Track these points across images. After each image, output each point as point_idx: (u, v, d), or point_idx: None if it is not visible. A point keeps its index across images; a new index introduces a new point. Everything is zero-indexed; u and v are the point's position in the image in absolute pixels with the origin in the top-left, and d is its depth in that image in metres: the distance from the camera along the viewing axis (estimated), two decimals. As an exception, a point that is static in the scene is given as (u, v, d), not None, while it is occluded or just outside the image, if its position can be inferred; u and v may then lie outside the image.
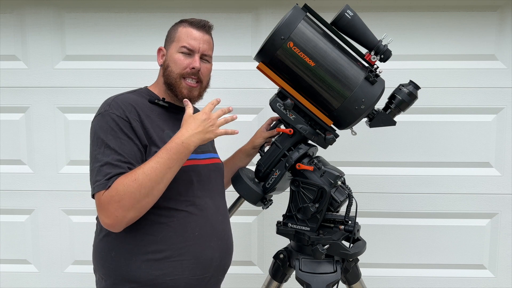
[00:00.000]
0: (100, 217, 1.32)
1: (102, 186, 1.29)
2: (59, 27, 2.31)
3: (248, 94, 2.30)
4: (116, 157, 1.32)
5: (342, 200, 1.58)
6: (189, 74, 1.48)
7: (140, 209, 1.31)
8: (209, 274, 1.47)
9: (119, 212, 1.28)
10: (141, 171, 1.29)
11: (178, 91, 1.49)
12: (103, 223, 1.32)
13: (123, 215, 1.29)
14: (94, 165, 1.34)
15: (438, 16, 2.25)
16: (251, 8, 2.28)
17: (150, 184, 1.28)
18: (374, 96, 1.54)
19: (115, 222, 1.29)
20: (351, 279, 1.70)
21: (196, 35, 1.49)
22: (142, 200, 1.29)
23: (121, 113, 1.37)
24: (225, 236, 1.56)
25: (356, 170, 2.29)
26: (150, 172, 1.28)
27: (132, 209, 1.29)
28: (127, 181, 1.27)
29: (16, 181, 2.38)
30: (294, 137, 1.62)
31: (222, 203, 1.60)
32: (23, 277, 2.43)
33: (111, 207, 1.28)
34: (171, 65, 1.49)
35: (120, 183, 1.28)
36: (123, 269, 1.39)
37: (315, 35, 1.52)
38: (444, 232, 2.34)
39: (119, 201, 1.27)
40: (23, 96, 2.34)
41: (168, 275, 1.38)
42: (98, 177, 1.31)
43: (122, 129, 1.35)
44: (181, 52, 1.48)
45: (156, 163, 1.30)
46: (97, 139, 1.35)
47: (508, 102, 2.27)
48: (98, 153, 1.34)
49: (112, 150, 1.32)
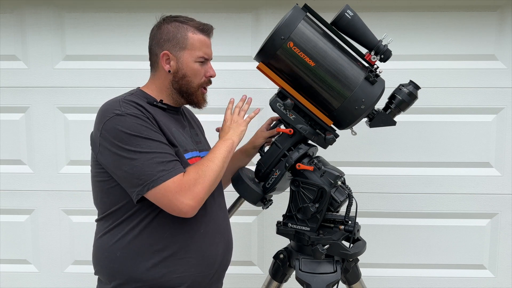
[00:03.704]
0: (180, 201, 1.31)
1: (174, 172, 1.32)
2: (59, 27, 2.31)
3: (248, 94, 2.28)
4: (165, 146, 1.35)
5: (342, 200, 1.58)
6: (207, 83, 1.54)
7: (210, 193, 1.41)
8: (213, 270, 1.48)
9: (203, 193, 1.35)
10: (207, 160, 1.40)
11: (195, 99, 1.53)
12: (180, 207, 1.32)
13: (203, 198, 1.36)
14: (143, 159, 1.29)
15: (438, 16, 2.25)
16: (251, 8, 2.28)
17: (218, 170, 1.40)
18: (374, 96, 1.54)
19: (199, 203, 1.35)
20: (351, 279, 1.70)
21: (208, 42, 1.52)
22: (214, 183, 1.40)
23: (139, 112, 1.35)
24: (227, 232, 1.58)
25: (356, 170, 2.29)
26: (217, 161, 1.41)
27: (209, 192, 1.39)
28: (203, 167, 1.37)
29: (16, 181, 2.38)
30: (294, 137, 1.62)
31: (222, 200, 1.61)
32: (23, 277, 2.43)
33: (196, 189, 1.33)
34: (190, 75, 1.48)
35: (197, 169, 1.36)
36: (129, 269, 1.38)
37: (315, 35, 1.52)
38: (444, 232, 2.34)
39: (202, 183, 1.35)
40: (23, 96, 2.34)
41: (174, 272, 1.39)
42: (159, 167, 1.30)
43: (151, 123, 1.35)
44: (198, 62, 1.49)
45: (219, 154, 1.43)
46: (131, 137, 1.30)
47: (508, 102, 2.27)
48: (140, 148, 1.29)
49: (157, 141, 1.33)
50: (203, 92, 1.54)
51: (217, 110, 2.26)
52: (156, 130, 1.36)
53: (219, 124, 1.65)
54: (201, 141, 1.64)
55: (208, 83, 1.55)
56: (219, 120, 2.25)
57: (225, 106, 1.53)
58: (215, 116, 2.25)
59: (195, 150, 1.52)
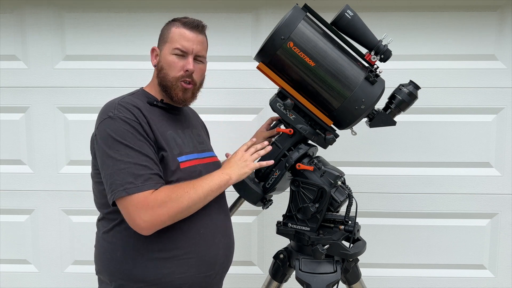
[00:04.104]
0: (139, 216, 1.30)
1: (143, 188, 1.29)
2: (59, 27, 2.31)
3: (248, 94, 2.30)
4: (144, 158, 1.32)
5: (342, 200, 1.58)
6: (183, 77, 1.47)
7: (174, 221, 1.36)
8: (214, 271, 1.48)
9: (165, 217, 1.31)
10: (192, 185, 1.35)
11: (173, 93, 1.48)
12: (137, 223, 1.30)
13: (164, 221, 1.32)
14: (118, 166, 1.30)
15: (438, 16, 2.25)
16: (251, 8, 2.28)
17: (197, 200, 1.35)
18: (374, 96, 1.54)
19: (155, 225, 1.32)
20: (351, 279, 1.70)
21: (190, 36, 1.47)
22: (184, 212, 1.34)
23: (131, 116, 1.36)
24: (228, 233, 1.58)
25: (356, 170, 2.29)
26: (200, 190, 1.36)
27: (175, 218, 1.34)
28: (180, 192, 1.32)
29: (16, 181, 2.38)
30: (294, 137, 1.61)
31: (223, 201, 1.61)
32: (23, 277, 2.43)
33: (159, 211, 1.30)
34: (165, 67, 1.47)
35: (172, 190, 1.32)
36: (130, 269, 1.39)
37: (315, 35, 1.52)
38: (444, 232, 2.34)
39: (170, 207, 1.30)
40: (23, 96, 2.34)
41: (175, 273, 1.39)
42: (128, 178, 1.29)
43: (138, 131, 1.34)
44: (175, 54, 1.46)
45: (206, 184, 1.38)
46: (114, 141, 1.32)
47: (508, 102, 2.27)
48: (118, 155, 1.31)
49: (137, 151, 1.32)
50: (183, 87, 1.47)
51: (217, 110, 2.27)
52: (142, 138, 1.34)
53: (220, 123, 1.65)
54: (204, 141, 1.63)
55: (186, 77, 1.47)
56: (219, 120, 2.27)
57: (225, 106, 1.52)
58: (215, 116, 2.26)
59: (193, 152, 1.51)
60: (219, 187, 1.41)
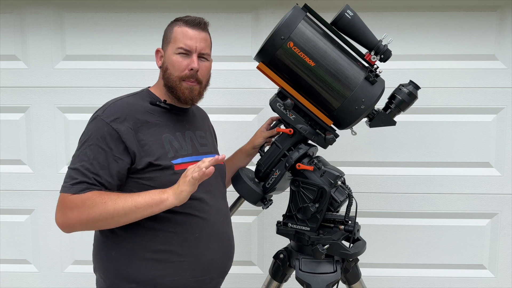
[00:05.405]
0: (56, 215, 1.37)
1: (69, 190, 1.34)
2: (59, 27, 2.31)
3: (248, 94, 2.30)
4: (87, 166, 1.35)
5: (342, 200, 1.58)
6: (188, 76, 1.46)
7: (92, 228, 1.41)
8: (209, 276, 1.47)
9: (74, 221, 1.34)
10: (115, 197, 1.31)
11: (179, 93, 1.47)
12: (56, 221, 1.38)
13: (74, 225, 1.36)
14: (72, 164, 1.39)
15: (438, 16, 2.25)
16: (251, 8, 2.28)
17: (113, 213, 1.30)
18: (374, 96, 1.54)
19: (65, 227, 1.37)
20: (351, 279, 1.70)
21: (192, 34, 1.46)
22: (98, 222, 1.33)
23: (112, 121, 1.36)
24: (226, 238, 1.55)
25: (356, 170, 2.29)
26: (121, 204, 1.30)
27: (87, 225, 1.35)
28: (97, 200, 1.30)
29: (16, 181, 2.38)
30: (294, 137, 1.62)
31: (224, 205, 1.60)
32: (23, 277, 2.43)
33: (70, 214, 1.33)
34: (170, 67, 1.47)
35: (90, 197, 1.31)
36: (123, 269, 1.39)
37: (315, 35, 1.52)
38: (444, 232, 2.34)
39: (80, 213, 1.32)
40: (23, 96, 2.34)
41: (167, 276, 1.39)
42: (66, 179, 1.37)
43: (106, 138, 1.35)
44: (179, 54, 1.46)
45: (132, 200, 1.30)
46: (80, 141, 1.40)
47: (508, 102, 2.27)
48: (75, 155, 1.40)
49: (87, 157, 1.35)
50: (188, 85, 1.46)
51: (217, 110, 2.27)
52: (105, 147, 1.34)
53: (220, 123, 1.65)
54: (207, 143, 1.61)
55: (190, 77, 1.46)
56: (219, 120, 2.26)
57: (225, 106, 1.51)
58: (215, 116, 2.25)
59: (192, 154, 1.49)
60: (147, 206, 1.29)
